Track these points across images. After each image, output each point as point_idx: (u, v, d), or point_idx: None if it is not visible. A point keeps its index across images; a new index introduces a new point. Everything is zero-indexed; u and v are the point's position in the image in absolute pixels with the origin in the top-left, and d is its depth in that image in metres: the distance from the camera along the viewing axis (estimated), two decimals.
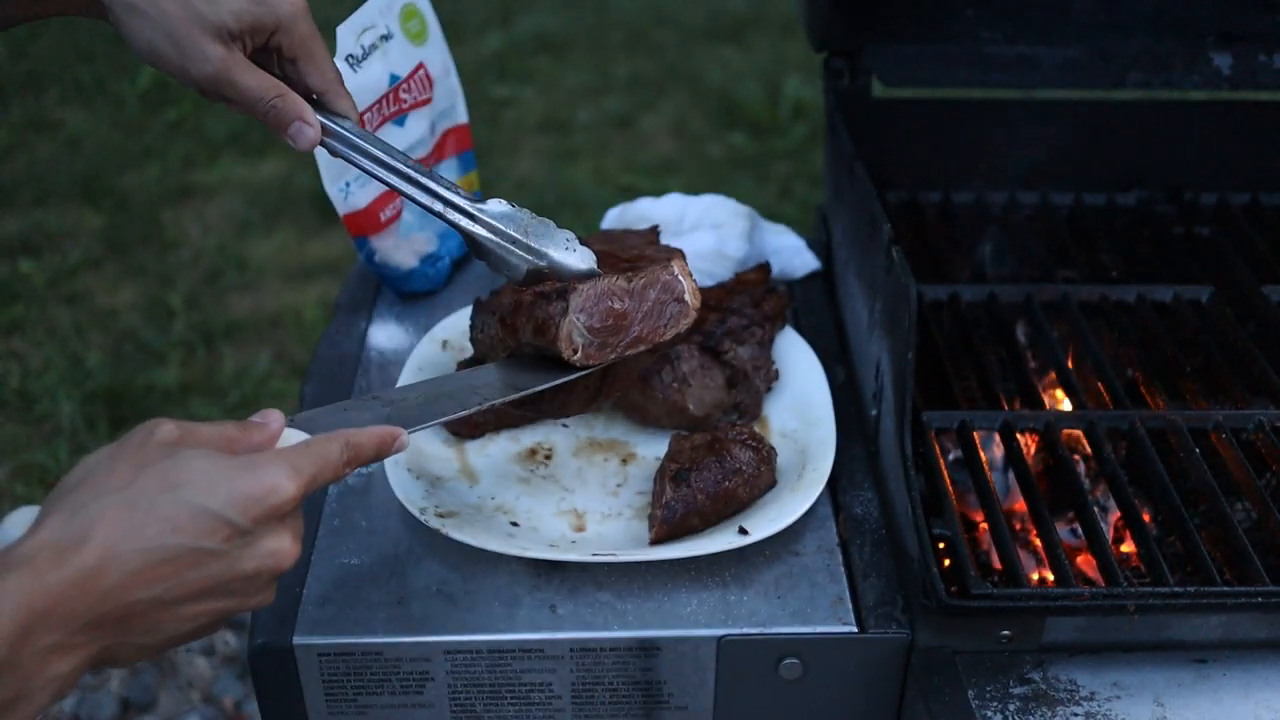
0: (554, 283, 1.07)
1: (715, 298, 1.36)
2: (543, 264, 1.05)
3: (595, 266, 1.07)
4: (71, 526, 0.70)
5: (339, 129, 1.03)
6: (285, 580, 1.10)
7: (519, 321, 1.10)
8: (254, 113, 0.98)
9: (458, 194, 1.05)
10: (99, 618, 0.69)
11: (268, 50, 0.99)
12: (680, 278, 1.11)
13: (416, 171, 1.04)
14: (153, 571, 0.70)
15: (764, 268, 1.43)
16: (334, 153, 1.04)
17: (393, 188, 1.04)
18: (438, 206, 1.05)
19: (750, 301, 1.34)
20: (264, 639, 1.05)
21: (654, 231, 1.39)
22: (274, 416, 0.83)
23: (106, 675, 2.17)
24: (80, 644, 0.69)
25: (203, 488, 0.73)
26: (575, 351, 1.06)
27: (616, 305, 1.07)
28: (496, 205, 1.06)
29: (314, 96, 1.02)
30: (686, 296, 1.11)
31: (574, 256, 1.06)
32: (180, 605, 0.73)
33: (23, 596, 0.66)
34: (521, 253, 1.05)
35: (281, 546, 0.76)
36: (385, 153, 1.04)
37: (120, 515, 0.70)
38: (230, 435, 0.80)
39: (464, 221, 1.05)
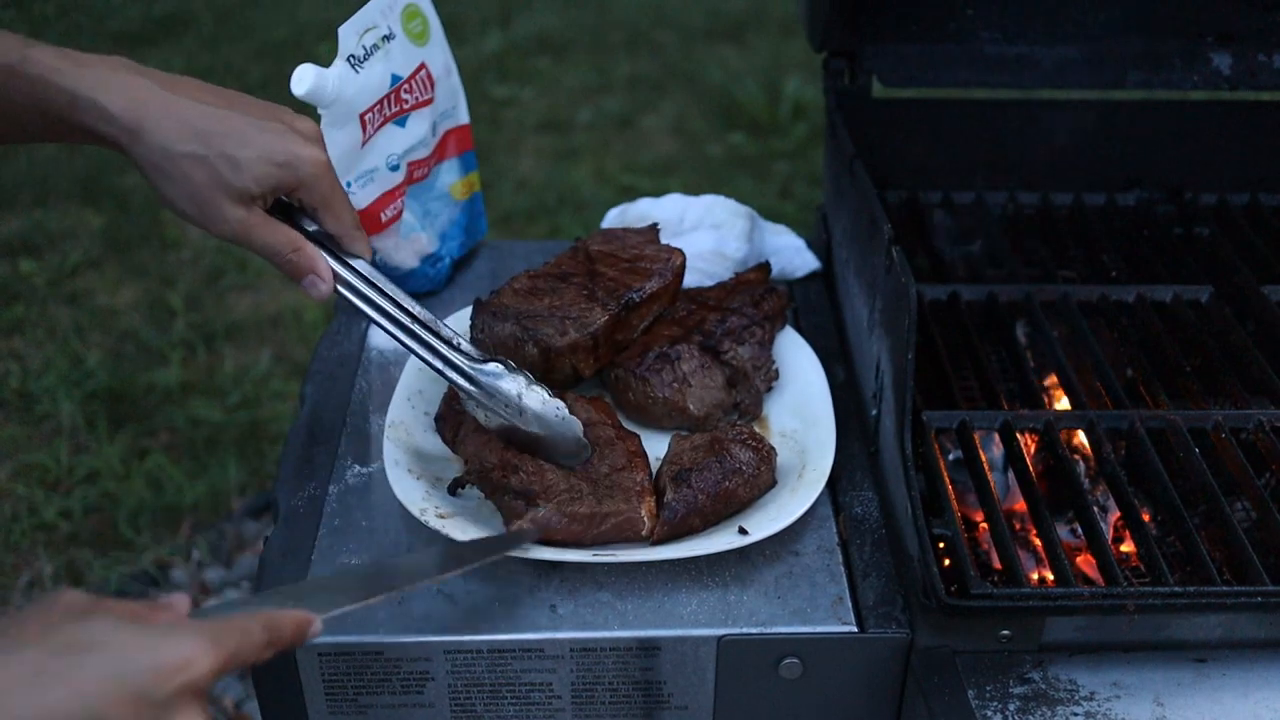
0: (524, 476, 1.11)
1: (715, 298, 1.36)
2: (533, 429, 1.13)
3: (582, 437, 1.14)
4: None
5: (350, 278, 1.10)
6: (285, 580, 1.11)
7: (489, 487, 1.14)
8: (273, 263, 1.04)
9: (458, 353, 1.13)
10: None
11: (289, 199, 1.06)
12: (645, 518, 1.11)
13: (420, 326, 1.12)
14: None
15: (764, 267, 1.43)
16: (344, 296, 1.11)
17: (394, 337, 1.12)
18: (437, 364, 1.13)
19: (750, 301, 1.34)
20: None
21: (653, 230, 1.39)
22: (180, 599, 0.78)
23: None
24: None
25: (115, 654, 0.67)
26: (520, 533, 1.09)
27: (575, 527, 1.10)
28: (494, 367, 1.13)
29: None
30: (644, 533, 1.11)
31: (563, 425, 1.13)
32: None
33: None
34: (505, 414, 1.13)
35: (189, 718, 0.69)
36: (393, 303, 1.12)
37: (19, 674, 0.64)
38: (138, 611, 0.73)
39: (459, 380, 1.13)
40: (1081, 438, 1.26)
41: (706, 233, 1.48)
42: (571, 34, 4.69)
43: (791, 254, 1.56)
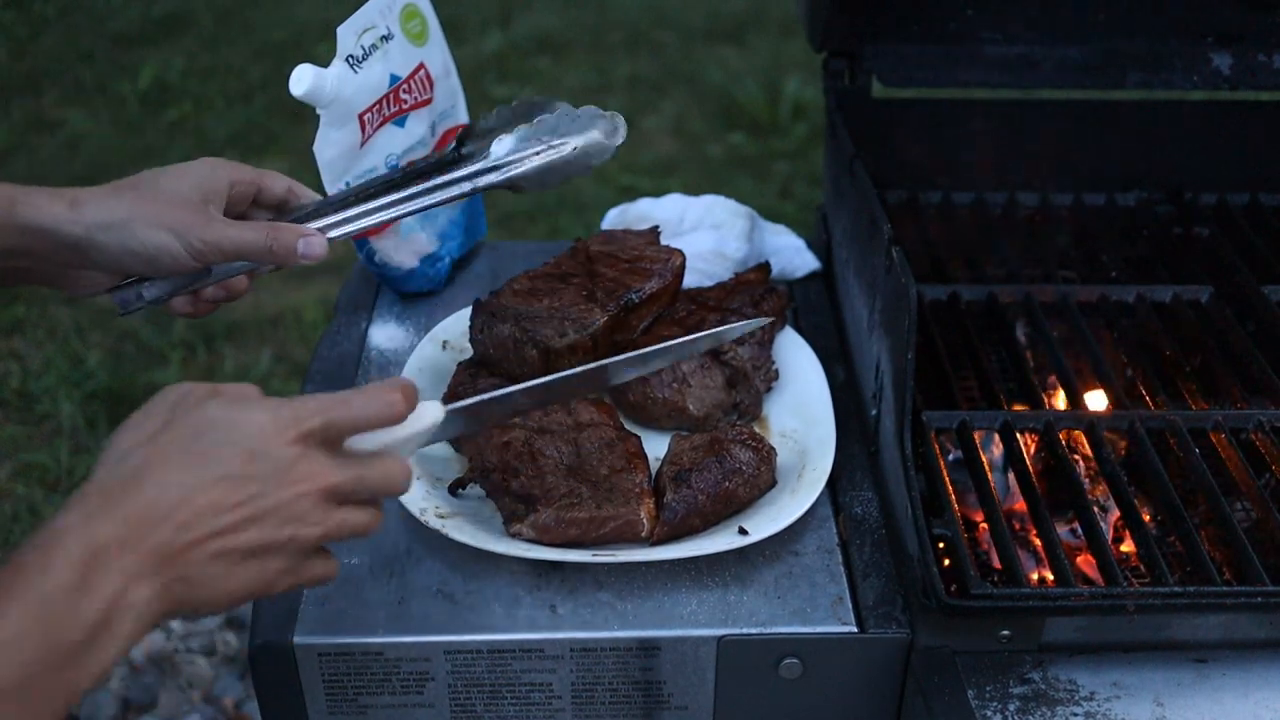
0: (524, 480, 1.11)
1: (715, 298, 1.36)
2: (568, 144, 1.08)
3: (608, 118, 1.11)
4: (120, 470, 0.74)
5: (328, 220, 1.09)
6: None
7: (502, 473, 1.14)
8: (260, 257, 1.05)
9: (457, 168, 1.07)
10: (158, 551, 0.72)
11: (232, 212, 1.08)
12: (644, 520, 1.11)
13: (406, 185, 1.09)
14: (198, 500, 0.73)
15: (764, 267, 1.43)
16: (329, 231, 1.08)
17: (410, 208, 1.08)
18: (466, 187, 1.07)
19: (750, 301, 1.34)
20: (264, 639, 1.05)
21: (654, 232, 1.39)
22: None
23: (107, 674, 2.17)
24: (147, 575, 0.71)
25: (226, 426, 0.77)
26: (519, 535, 1.10)
27: (573, 531, 1.10)
28: (503, 143, 1.07)
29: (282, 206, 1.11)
30: (643, 535, 1.11)
31: (605, 125, 1.10)
32: (231, 543, 0.75)
33: (81, 533, 0.70)
34: (568, 155, 1.08)
35: (310, 469, 0.78)
36: (373, 185, 1.10)
37: (163, 456, 0.75)
38: (246, 392, 0.82)
39: (496, 177, 1.07)
40: (1081, 438, 1.26)
41: (706, 233, 1.48)
42: (571, 34, 4.69)
43: (791, 254, 1.55)
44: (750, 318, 1.32)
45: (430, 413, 0.87)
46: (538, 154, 1.09)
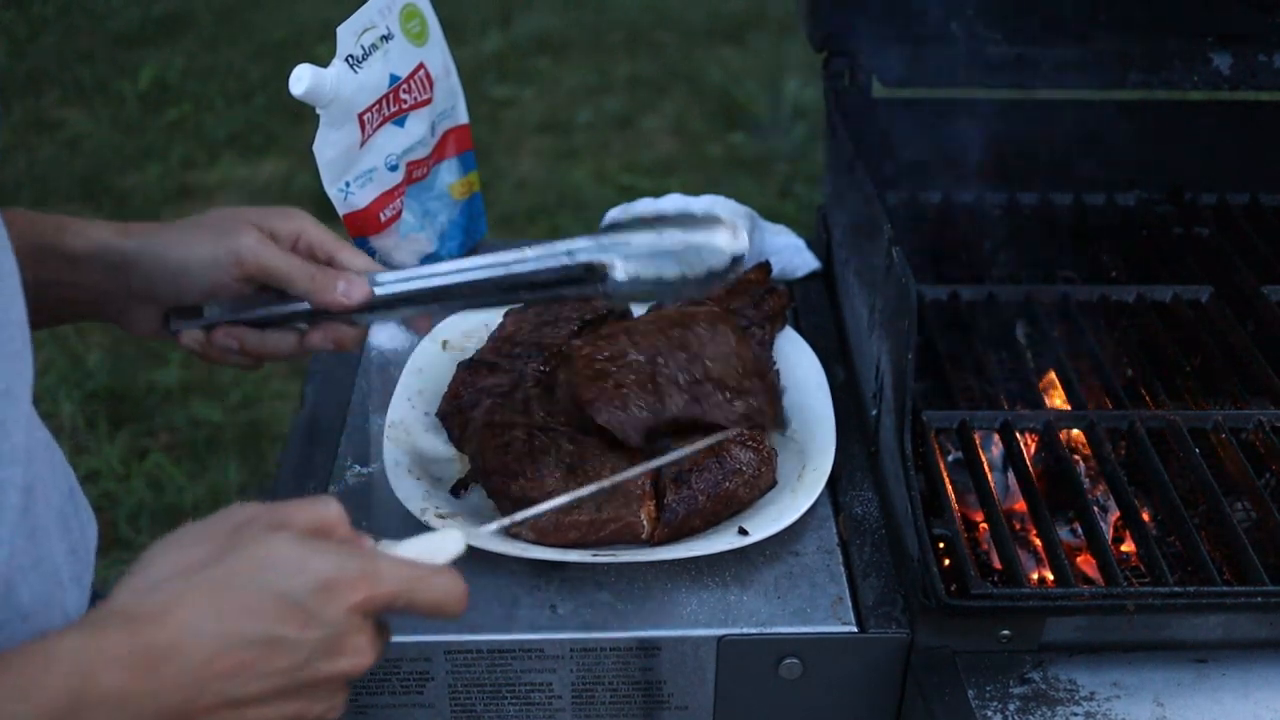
0: (523, 483, 1.09)
1: (715, 298, 1.36)
2: (676, 271, 0.95)
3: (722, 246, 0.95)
4: (149, 600, 0.64)
5: (381, 279, 0.99)
6: None
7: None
8: (302, 287, 0.96)
9: (540, 254, 0.96)
10: (160, 708, 0.62)
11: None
12: (644, 522, 1.11)
13: (530, 284, 0.97)
14: (229, 659, 0.63)
15: (764, 267, 1.43)
16: (390, 305, 0.99)
17: (483, 302, 1.00)
18: (552, 268, 0.95)
19: (751, 301, 1.34)
20: None
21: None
22: (365, 537, 0.76)
23: None
24: None
25: (287, 572, 0.66)
26: (518, 537, 1.10)
27: (572, 534, 1.10)
28: (600, 246, 0.95)
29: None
30: (644, 536, 1.11)
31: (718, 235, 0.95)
32: (248, 707, 0.65)
33: (80, 661, 0.59)
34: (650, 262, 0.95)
35: (360, 644, 0.69)
36: (482, 284, 0.98)
37: (204, 596, 0.64)
38: (319, 529, 0.72)
39: (553, 262, 0.96)
40: (1081, 438, 1.26)
41: None
42: (571, 34, 4.69)
43: (791, 254, 1.55)
44: (751, 318, 1.32)
45: (453, 545, 0.80)
46: (659, 283, 0.96)
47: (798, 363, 1.34)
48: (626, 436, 1.13)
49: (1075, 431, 1.25)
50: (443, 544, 0.78)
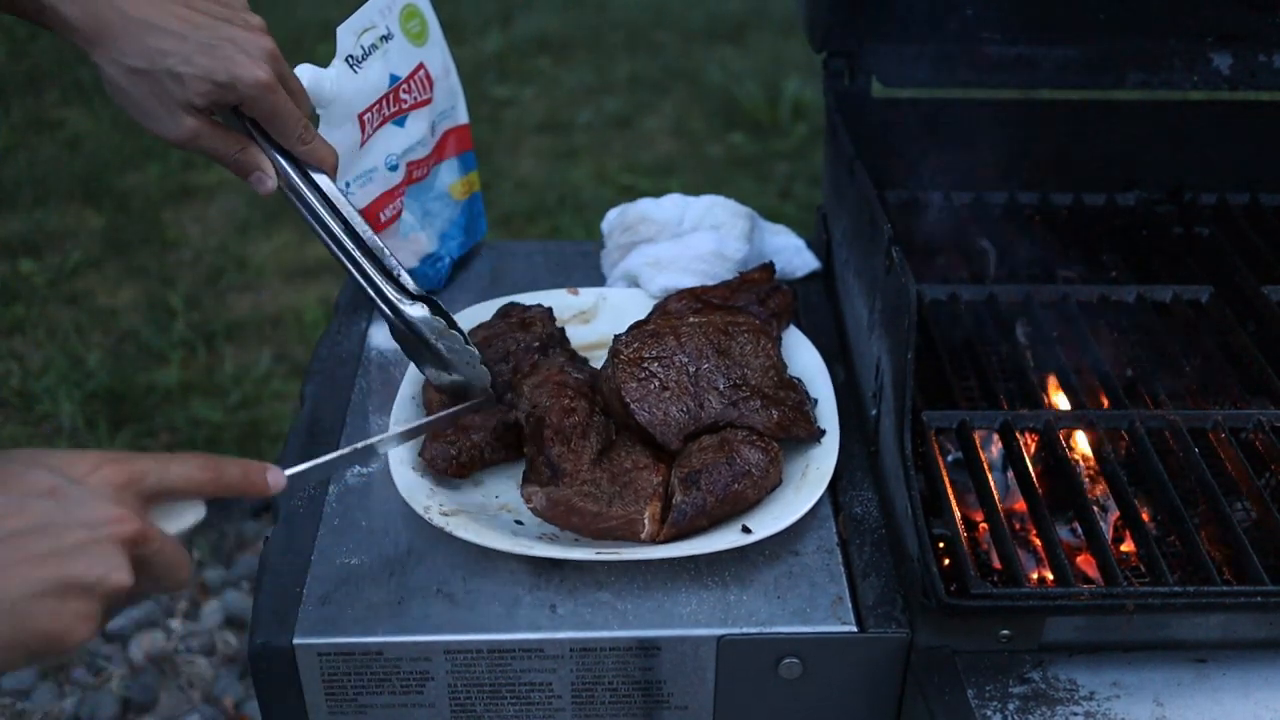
0: (561, 450, 1.15)
1: (720, 296, 1.36)
2: (446, 378, 1.18)
3: (488, 388, 1.19)
4: None
5: (303, 189, 1.13)
6: (285, 580, 1.11)
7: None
8: (223, 164, 1.11)
9: (393, 284, 1.15)
10: None
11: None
12: (646, 522, 1.12)
13: (363, 252, 1.14)
14: None
15: (768, 268, 1.43)
16: (291, 203, 1.14)
17: (334, 255, 1.15)
18: (369, 291, 1.15)
19: (756, 299, 1.35)
20: (264, 639, 1.06)
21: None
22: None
23: (107, 674, 2.18)
24: None
25: (55, 463, 0.76)
26: (529, 499, 1.16)
27: (575, 520, 1.13)
28: (419, 310, 1.15)
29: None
30: (642, 536, 1.12)
31: (472, 372, 1.18)
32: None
33: None
34: (421, 351, 1.16)
35: (126, 513, 0.75)
36: (342, 223, 1.14)
37: None
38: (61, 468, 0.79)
39: (384, 309, 1.15)
40: (1081, 438, 1.26)
41: (706, 233, 1.48)
42: (571, 34, 4.69)
43: (791, 254, 1.55)
44: (757, 315, 1.32)
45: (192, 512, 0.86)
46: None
47: (800, 362, 1.34)
48: (666, 440, 1.17)
49: (1075, 431, 1.25)
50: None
